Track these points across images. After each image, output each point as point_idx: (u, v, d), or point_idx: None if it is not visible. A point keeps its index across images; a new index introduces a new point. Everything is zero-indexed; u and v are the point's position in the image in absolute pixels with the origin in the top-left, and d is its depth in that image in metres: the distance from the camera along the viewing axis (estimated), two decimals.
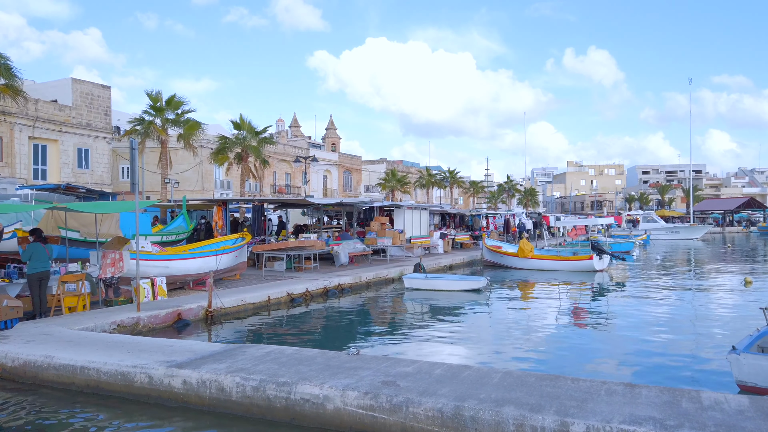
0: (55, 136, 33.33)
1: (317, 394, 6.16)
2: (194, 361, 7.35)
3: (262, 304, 13.93)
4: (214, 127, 48.83)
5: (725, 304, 15.79)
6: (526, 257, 24.35)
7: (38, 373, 7.99)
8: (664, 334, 11.68)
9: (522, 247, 24.74)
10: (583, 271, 23.12)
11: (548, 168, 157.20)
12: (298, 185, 53.10)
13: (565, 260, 24.03)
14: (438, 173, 70.34)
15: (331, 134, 76.55)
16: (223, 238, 17.16)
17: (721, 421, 5.00)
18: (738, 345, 7.01)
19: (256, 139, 32.86)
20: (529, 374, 6.68)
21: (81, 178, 33.54)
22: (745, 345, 6.97)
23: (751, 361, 6.64)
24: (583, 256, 23.77)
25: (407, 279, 18.13)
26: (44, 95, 34.04)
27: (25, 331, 9.56)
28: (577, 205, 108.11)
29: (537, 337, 11.74)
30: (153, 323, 11.27)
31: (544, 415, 5.22)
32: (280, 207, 29.27)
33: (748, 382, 6.65)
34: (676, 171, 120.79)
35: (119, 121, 42.56)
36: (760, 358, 6.65)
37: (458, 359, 9.51)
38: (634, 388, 6.01)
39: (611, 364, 9.65)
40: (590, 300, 17.15)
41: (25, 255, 11.06)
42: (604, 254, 23.36)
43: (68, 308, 11.54)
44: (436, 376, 6.52)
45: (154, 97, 28.36)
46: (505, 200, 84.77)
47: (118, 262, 12.30)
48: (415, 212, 28.83)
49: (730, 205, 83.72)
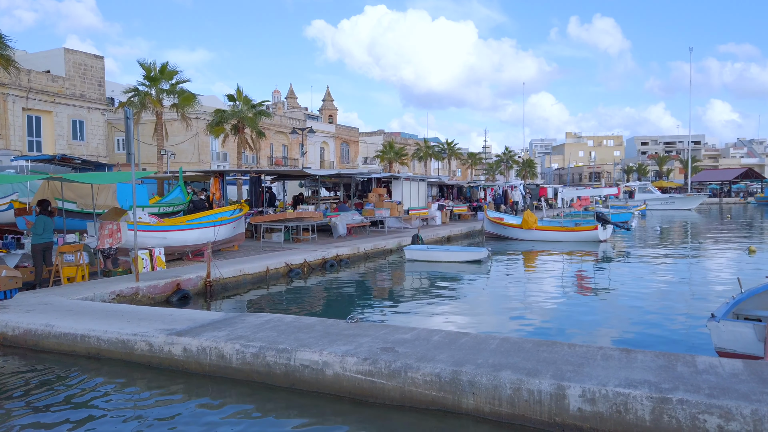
0: (48, 108, 32.95)
1: (317, 360, 6.21)
2: (194, 329, 7.40)
3: (260, 275, 13.98)
4: (210, 99, 48.29)
5: (727, 273, 15.88)
6: (530, 228, 24.38)
7: (39, 341, 8.05)
8: (664, 302, 11.79)
9: (526, 218, 24.73)
10: (588, 241, 23.21)
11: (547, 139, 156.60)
12: (295, 157, 52.84)
13: (569, 231, 24.09)
14: (436, 145, 69.92)
15: (328, 106, 75.81)
16: (221, 209, 17.12)
17: (715, 384, 5.06)
18: (716, 312, 7.17)
19: (252, 111, 32.53)
20: (526, 340, 6.74)
21: (76, 150, 33.27)
22: (723, 312, 7.16)
23: (729, 327, 6.82)
24: (588, 226, 23.86)
25: (408, 250, 18.17)
26: (37, 66, 33.53)
27: (25, 301, 9.60)
28: (575, 177, 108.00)
29: (536, 305, 11.84)
30: (152, 293, 11.31)
31: (540, 379, 5.27)
32: (277, 179, 29.15)
33: (727, 348, 6.83)
34: (675, 142, 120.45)
35: (113, 93, 42.03)
36: (737, 325, 6.84)
37: (457, 326, 9.59)
38: (630, 353, 6.07)
39: (609, 330, 9.75)
40: (590, 269, 17.26)
41: (38, 227, 11.10)
42: (608, 224, 23.49)
43: (67, 279, 11.56)
44: (435, 343, 6.58)
45: (148, 67, 27.93)
46: (504, 172, 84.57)
47: (115, 233, 12.28)
48: (413, 184, 28.76)
49: (728, 176, 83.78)
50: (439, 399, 5.58)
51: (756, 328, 6.65)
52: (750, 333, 6.66)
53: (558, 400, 5.12)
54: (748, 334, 6.67)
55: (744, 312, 7.56)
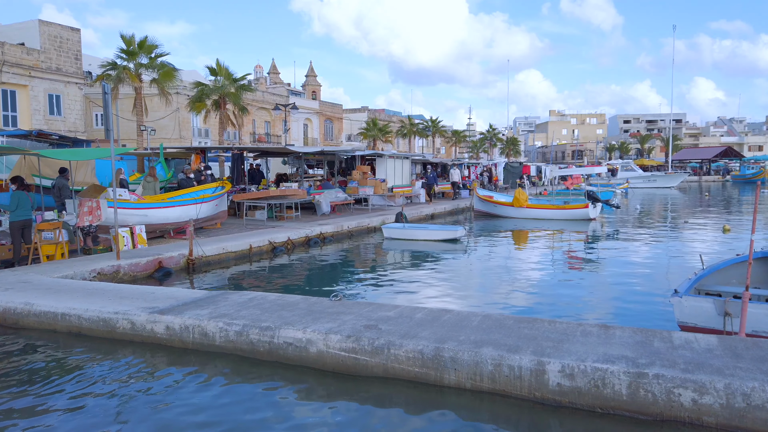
0: (24, 81, 32.05)
1: (300, 338, 6.24)
2: (177, 308, 7.37)
3: (243, 253, 13.93)
4: (191, 73, 47.34)
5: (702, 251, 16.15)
6: (521, 206, 24.52)
7: (18, 319, 7.96)
8: (642, 279, 11.99)
9: (517, 196, 24.84)
10: (578, 219, 23.45)
11: (531, 117, 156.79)
12: (278, 134, 52.26)
13: (560, 209, 24.29)
14: (420, 122, 69.65)
15: (311, 81, 74.89)
16: (202, 187, 16.94)
17: (690, 359, 5.19)
18: (679, 288, 7.45)
19: (234, 86, 31.97)
20: (507, 317, 6.83)
21: (53, 125, 32.53)
22: (685, 288, 7.47)
23: (692, 303, 7.11)
24: (578, 204, 24.08)
25: (386, 228, 18.20)
26: (10, 38, 32.49)
27: (3, 279, 9.46)
28: (558, 155, 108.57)
29: (518, 282, 11.97)
30: (134, 271, 11.22)
31: (521, 355, 5.36)
32: (260, 155, 28.85)
33: (688, 323, 7.13)
34: (657, 120, 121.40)
35: (90, 66, 41.02)
36: (698, 300, 7.14)
37: (439, 304, 9.68)
38: (608, 329, 6.19)
39: (589, 307, 9.91)
40: (576, 247, 17.47)
41: (12, 203, 10.88)
42: (597, 203, 23.75)
43: (46, 257, 11.41)
44: (417, 320, 6.63)
45: (128, 40, 27.23)
46: (488, 150, 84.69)
47: (95, 210, 12.10)
48: (397, 161, 28.70)
49: (707, 155, 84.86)
50: (421, 375, 5.65)
51: (716, 302, 6.96)
52: (710, 308, 6.97)
53: (538, 376, 5.21)
54: (708, 308, 6.99)
55: (705, 288, 8.00)
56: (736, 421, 4.58)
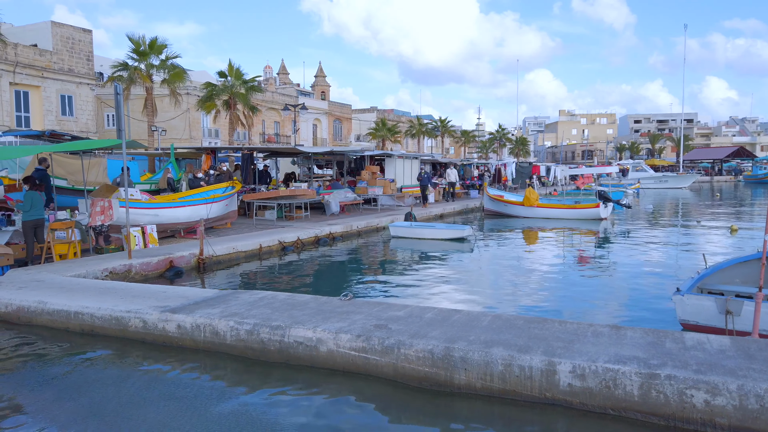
0: (36, 82, 32.39)
1: (311, 337, 6.26)
2: (188, 306, 7.42)
3: (253, 252, 13.99)
4: (200, 74, 47.63)
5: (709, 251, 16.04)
6: (531, 206, 24.44)
7: (32, 318, 8.05)
8: (653, 279, 11.91)
9: (528, 195, 24.77)
10: (589, 219, 23.33)
11: (540, 117, 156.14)
12: (288, 134, 52.42)
13: (571, 208, 24.17)
14: (429, 122, 69.56)
15: (320, 82, 75.03)
16: (213, 187, 17.03)
17: (702, 360, 5.15)
18: (681, 287, 7.47)
19: (244, 87, 32.14)
20: (517, 317, 6.81)
21: (65, 126, 32.84)
22: (688, 287, 7.50)
23: (693, 301, 7.14)
24: (589, 204, 23.96)
25: (393, 227, 18.20)
26: (23, 39, 32.85)
27: (17, 278, 9.57)
28: (568, 155, 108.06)
29: (528, 282, 11.93)
30: (145, 270, 11.30)
31: (531, 356, 5.35)
32: (269, 156, 28.97)
33: (690, 321, 7.16)
34: (668, 120, 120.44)
35: (102, 67, 41.33)
36: (701, 299, 7.16)
37: (449, 304, 9.67)
38: (619, 329, 6.16)
39: (600, 307, 9.86)
40: (586, 246, 17.37)
41: (26, 203, 11.00)
42: (609, 202, 23.64)
43: (59, 256, 11.52)
44: (427, 320, 6.64)
45: (137, 41, 27.44)
46: (497, 150, 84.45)
47: (107, 210, 12.22)
48: (406, 161, 28.71)
49: (719, 155, 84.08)
50: (431, 375, 5.65)
51: (717, 301, 6.97)
52: (712, 306, 6.99)
53: (549, 376, 5.20)
54: (710, 307, 7.00)
55: (707, 286, 8.01)
56: (749, 423, 4.54)
